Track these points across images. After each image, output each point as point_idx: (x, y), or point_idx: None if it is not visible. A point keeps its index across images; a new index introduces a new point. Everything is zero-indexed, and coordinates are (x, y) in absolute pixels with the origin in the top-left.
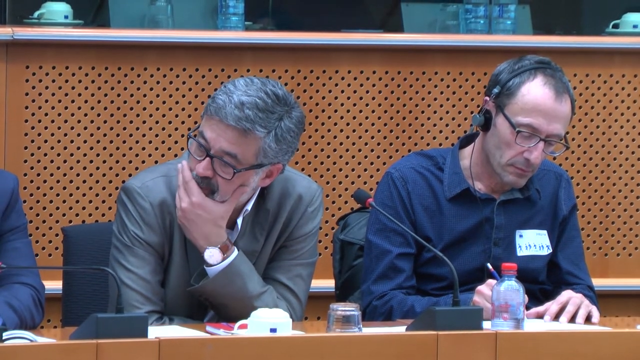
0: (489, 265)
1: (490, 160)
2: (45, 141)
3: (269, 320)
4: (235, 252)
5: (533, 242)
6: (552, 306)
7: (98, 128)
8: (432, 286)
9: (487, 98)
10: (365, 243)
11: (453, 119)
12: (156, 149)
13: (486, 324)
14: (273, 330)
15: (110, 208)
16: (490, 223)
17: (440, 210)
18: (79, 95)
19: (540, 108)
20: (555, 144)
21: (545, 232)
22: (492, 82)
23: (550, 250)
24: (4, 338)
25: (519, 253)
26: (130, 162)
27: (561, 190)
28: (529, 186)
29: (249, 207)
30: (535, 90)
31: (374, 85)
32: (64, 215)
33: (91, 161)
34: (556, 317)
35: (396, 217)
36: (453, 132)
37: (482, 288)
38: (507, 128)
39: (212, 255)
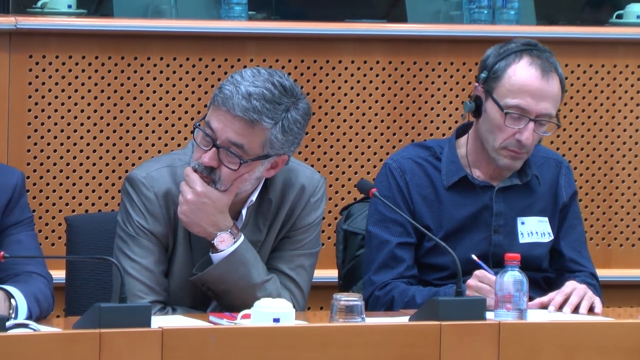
0: (474, 256)
1: (485, 146)
2: (48, 130)
3: (272, 310)
4: (240, 240)
5: (535, 229)
6: (556, 297)
7: (101, 118)
8: (434, 276)
9: (477, 84)
10: (366, 234)
11: (456, 109)
12: (159, 138)
13: (489, 315)
14: (276, 320)
15: (113, 198)
16: (490, 210)
17: (438, 199)
18: (82, 84)
19: (527, 88)
20: (546, 124)
21: (546, 219)
22: (480, 68)
23: (552, 237)
24: (7, 327)
25: (521, 240)
26: (133, 151)
27: (561, 177)
28: (527, 172)
29: (254, 197)
30: (521, 71)
31: (377, 76)
32: (67, 204)
33: (94, 150)
34: (560, 307)
35: (395, 207)
36: (456, 122)
37: (471, 282)
38: (497, 111)
39: (223, 240)
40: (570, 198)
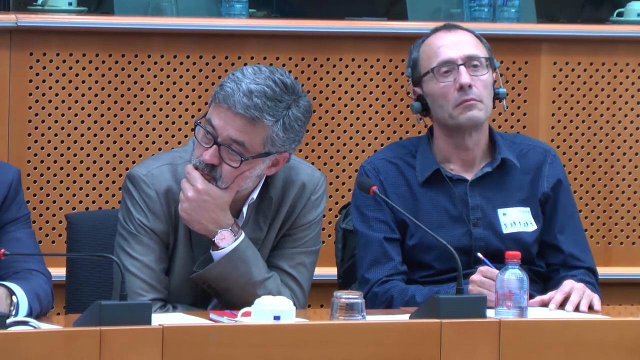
0: (479, 254)
1: (445, 123)
2: (49, 128)
3: (272, 308)
4: (241, 237)
5: (517, 219)
6: (556, 295)
7: (102, 115)
8: (419, 274)
9: (411, 88)
10: (355, 233)
11: None
12: (159, 136)
13: (490, 312)
14: (277, 317)
15: (114, 195)
16: (466, 204)
17: (414, 196)
18: (83, 82)
19: (440, 44)
20: (481, 66)
21: (528, 209)
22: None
23: (536, 227)
24: (7, 325)
25: (505, 231)
26: (133, 149)
27: (545, 165)
28: (495, 157)
29: (255, 195)
30: (430, 40)
31: (377, 73)
32: (67, 202)
33: (95, 148)
34: (560, 306)
35: (375, 207)
36: None
37: (474, 277)
38: (431, 81)
39: (223, 237)
40: (556, 187)
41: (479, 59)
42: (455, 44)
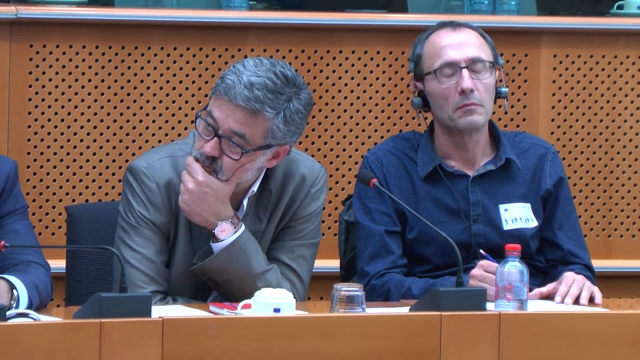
0: (481, 251)
1: (445, 124)
2: (49, 120)
3: (272, 300)
4: (241, 230)
5: (519, 215)
6: (560, 287)
7: (101, 107)
8: (419, 269)
9: (412, 82)
10: (356, 224)
11: None
12: (159, 128)
13: (490, 305)
14: (277, 310)
15: (113, 187)
16: (467, 200)
17: (415, 190)
18: (83, 74)
19: (444, 44)
20: (483, 70)
21: (529, 205)
22: (409, 66)
23: (536, 224)
24: (8, 317)
25: (506, 227)
26: (133, 141)
27: (547, 163)
28: (500, 156)
29: (255, 188)
30: (434, 38)
31: (377, 66)
32: (67, 194)
33: (95, 140)
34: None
35: (378, 198)
36: None
37: (475, 271)
38: (433, 81)
39: (223, 229)
40: (557, 185)
41: (483, 62)
42: (459, 45)
